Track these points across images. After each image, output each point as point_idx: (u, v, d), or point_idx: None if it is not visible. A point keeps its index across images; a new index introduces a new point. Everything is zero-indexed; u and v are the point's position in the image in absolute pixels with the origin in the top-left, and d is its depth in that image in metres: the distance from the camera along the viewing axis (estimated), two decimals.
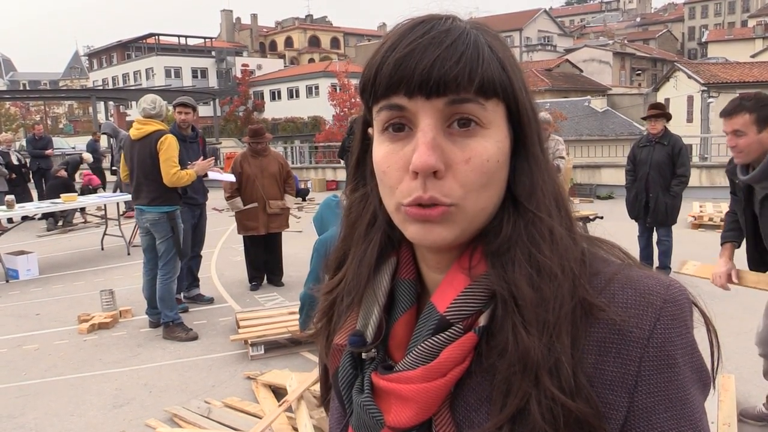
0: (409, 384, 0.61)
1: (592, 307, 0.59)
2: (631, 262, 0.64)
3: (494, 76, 0.59)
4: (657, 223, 6.12)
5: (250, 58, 56.85)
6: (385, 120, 0.61)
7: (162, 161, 4.91)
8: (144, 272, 5.31)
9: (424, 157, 0.57)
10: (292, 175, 6.74)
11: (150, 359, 4.70)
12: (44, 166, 12.80)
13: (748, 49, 46.80)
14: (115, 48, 58.20)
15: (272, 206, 6.48)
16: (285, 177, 6.61)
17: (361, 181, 0.72)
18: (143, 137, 5.00)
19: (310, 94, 45.47)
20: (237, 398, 3.89)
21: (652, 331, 0.58)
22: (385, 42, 0.61)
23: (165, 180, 4.93)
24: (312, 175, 18.54)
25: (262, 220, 6.49)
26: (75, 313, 5.79)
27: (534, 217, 0.61)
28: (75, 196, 9.22)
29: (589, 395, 0.56)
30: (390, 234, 0.68)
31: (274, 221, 6.57)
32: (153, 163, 4.94)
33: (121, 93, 35.24)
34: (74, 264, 8.31)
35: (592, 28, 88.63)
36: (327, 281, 0.77)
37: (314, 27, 72.19)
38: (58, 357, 4.82)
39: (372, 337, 0.66)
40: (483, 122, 0.59)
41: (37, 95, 42.08)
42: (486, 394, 0.60)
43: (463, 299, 0.61)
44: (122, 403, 3.94)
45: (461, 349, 0.60)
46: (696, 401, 0.59)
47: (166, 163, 4.91)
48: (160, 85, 42.23)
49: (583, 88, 39.25)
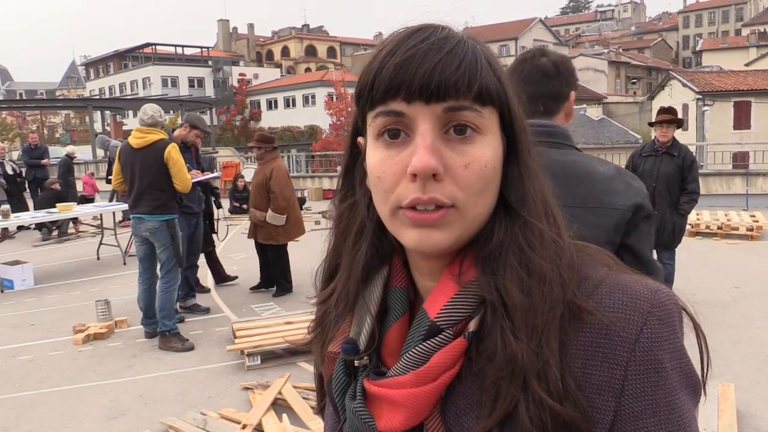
0: (400, 389, 0.61)
1: (580, 310, 0.59)
2: (619, 268, 0.65)
3: (491, 84, 0.60)
4: (661, 245, 5.30)
5: (247, 68, 56.93)
6: (381, 126, 0.61)
7: (176, 171, 4.97)
8: (140, 282, 5.29)
9: (425, 159, 0.57)
10: (274, 189, 6.35)
11: (146, 370, 4.68)
12: (40, 175, 12.77)
13: (742, 57, 47.09)
14: (112, 57, 58.32)
15: (251, 214, 6.64)
16: (268, 189, 6.38)
17: (350, 191, 0.72)
18: (146, 146, 4.99)
19: (306, 104, 45.56)
20: (233, 409, 3.86)
21: (638, 335, 0.58)
22: (383, 48, 0.62)
23: (181, 187, 5.03)
24: (309, 184, 18.56)
25: (251, 227, 6.69)
26: (70, 323, 5.75)
27: (525, 222, 0.62)
28: (71, 205, 9.19)
29: (577, 399, 0.56)
30: (378, 244, 0.68)
31: (260, 231, 6.55)
32: (159, 172, 4.94)
33: (118, 102, 35.28)
34: (70, 274, 8.28)
35: (587, 37, 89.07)
36: (319, 291, 0.77)
37: (311, 36, 72.42)
38: (53, 368, 4.78)
39: (365, 344, 0.67)
40: (479, 129, 0.60)
41: (33, 105, 41.99)
42: (476, 399, 0.60)
43: (452, 305, 0.61)
44: (117, 415, 3.91)
45: (451, 354, 0.60)
46: (684, 406, 0.59)
47: (180, 171, 4.99)
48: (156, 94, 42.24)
49: (579, 96, 38.67)
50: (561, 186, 1.42)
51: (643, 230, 1.53)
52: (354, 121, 0.68)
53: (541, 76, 1.61)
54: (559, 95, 1.63)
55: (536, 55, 1.64)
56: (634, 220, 1.51)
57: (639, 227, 1.52)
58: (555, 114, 1.64)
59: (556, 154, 1.54)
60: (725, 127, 25.78)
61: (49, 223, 10.54)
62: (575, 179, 1.51)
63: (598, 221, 1.48)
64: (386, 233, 0.66)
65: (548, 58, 1.63)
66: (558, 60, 1.64)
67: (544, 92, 1.61)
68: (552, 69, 1.61)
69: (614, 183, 1.52)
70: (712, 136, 24.34)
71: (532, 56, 1.65)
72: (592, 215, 1.48)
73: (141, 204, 5.01)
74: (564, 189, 1.45)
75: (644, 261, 1.53)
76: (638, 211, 1.51)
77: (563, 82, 1.63)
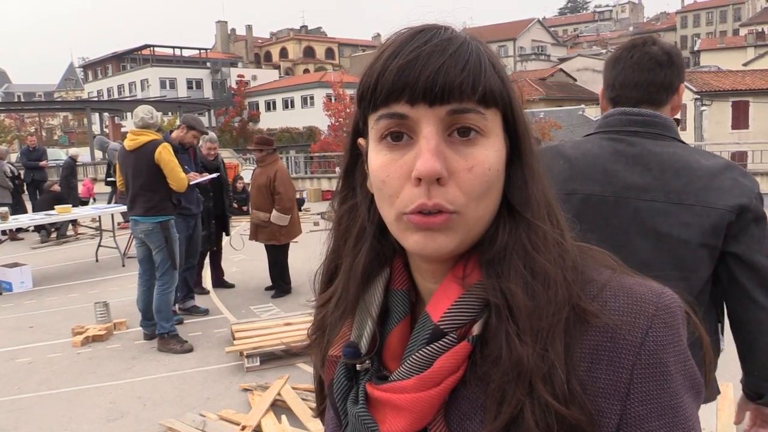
0: (404, 393, 0.61)
1: (585, 313, 0.59)
2: (623, 270, 0.64)
3: (494, 86, 0.60)
4: None
5: (245, 69, 56.97)
6: (384, 128, 0.61)
7: (169, 171, 4.94)
8: (139, 283, 5.29)
9: (430, 163, 0.57)
10: (279, 190, 6.44)
11: (144, 372, 4.67)
12: (38, 177, 12.76)
13: (740, 57, 47.15)
14: (111, 59, 58.29)
15: (253, 216, 6.74)
16: (272, 190, 6.48)
17: (350, 193, 0.71)
18: (138, 147, 5.00)
19: (305, 105, 45.57)
20: (232, 411, 3.86)
21: (644, 339, 0.58)
22: (385, 49, 0.61)
23: (176, 186, 5.00)
24: (308, 185, 18.55)
25: (252, 228, 6.76)
26: (69, 325, 5.74)
27: (529, 224, 0.62)
28: (69, 207, 9.19)
29: (583, 402, 0.56)
30: (378, 247, 0.68)
31: (261, 232, 6.61)
32: (150, 173, 4.94)
33: (116, 104, 35.27)
34: (68, 276, 8.26)
35: (585, 37, 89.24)
36: (319, 294, 0.76)
37: (309, 38, 72.44)
38: (52, 370, 4.77)
39: (366, 348, 0.66)
40: (483, 131, 0.60)
41: (31, 107, 42.04)
42: (480, 403, 0.60)
43: (456, 308, 0.61)
44: (116, 417, 3.91)
45: (455, 358, 0.60)
46: (689, 409, 0.59)
47: (173, 171, 4.96)
48: (155, 96, 42.29)
49: (577, 97, 39.46)
50: (654, 179, 1.40)
51: (754, 234, 1.38)
52: (354, 122, 0.67)
53: (653, 64, 1.52)
54: (669, 86, 1.54)
55: (647, 42, 1.55)
56: (740, 223, 1.37)
57: (748, 231, 1.38)
58: (662, 105, 1.55)
59: (653, 145, 1.45)
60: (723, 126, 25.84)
61: (48, 225, 10.56)
62: (672, 173, 1.40)
63: (692, 219, 1.37)
64: (387, 235, 0.66)
65: (659, 46, 1.55)
66: (670, 50, 1.55)
67: (655, 81, 1.52)
68: (665, 58, 1.52)
69: (719, 179, 1.39)
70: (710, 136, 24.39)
71: (643, 43, 1.56)
72: (686, 212, 1.37)
73: (136, 206, 5.04)
74: (658, 182, 1.39)
75: (757, 270, 1.38)
76: (744, 213, 1.37)
77: (675, 72, 1.54)
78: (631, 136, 1.48)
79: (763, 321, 1.39)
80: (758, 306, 1.39)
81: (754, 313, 1.40)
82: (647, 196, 1.40)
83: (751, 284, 1.38)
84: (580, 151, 1.53)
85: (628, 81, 1.54)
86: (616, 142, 1.49)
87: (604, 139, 1.52)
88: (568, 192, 1.47)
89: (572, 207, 1.46)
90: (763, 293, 1.38)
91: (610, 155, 1.47)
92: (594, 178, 1.46)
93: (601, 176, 1.46)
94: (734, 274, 1.39)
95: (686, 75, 16.77)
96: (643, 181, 1.41)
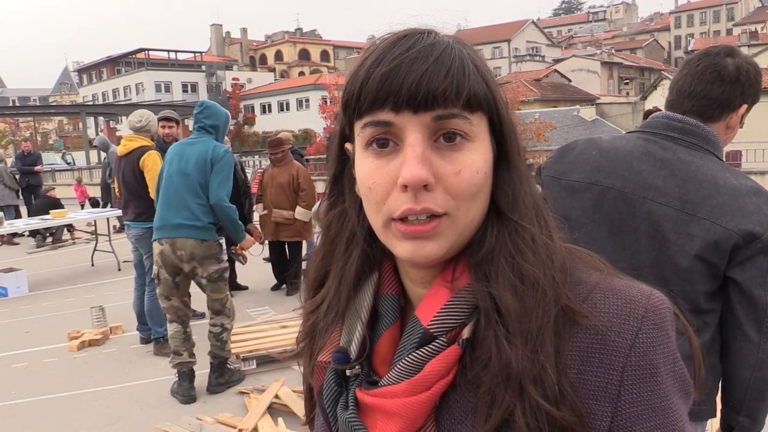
0: (394, 398, 0.61)
1: (575, 313, 0.59)
2: (611, 272, 0.64)
3: (479, 91, 0.59)
4: None
5: (240, 72, 57.00)
6: (370, 136, 0.60)
7: (149, 179, 4.92)
8: (135, 288, 5.28)
9: (416, 170, 0.56)
10: (304, 187, 6.66)
11: (141, 376, 4.66)
12: (33, 182, 12.74)
13: None
14: (105, 63, 58.23)
15: (275, 215, 6.71)
16: (296, 188, 6.64)
17: (339, 198, 0.71)
18: (128, 153, 5.04)
19: (300, 107, 45.61)
20: (229, 414, 3.85)
21: (634, 340, 0.58)
22: (368, 56, 0.61)
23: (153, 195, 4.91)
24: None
25: (269, 227, 6.75)
26: (65, 330, 5.72)
27: (517, 226, 0.62)
28: (65, 212, 9.16)
29: (574, 403, 0.56)
30: (368, 251, 0.68)
31: (284, 230, 6.67)
32: (136, 180, 4.97)
33: (111, 108, 35.21)
34: (64, 281, 8.24)
35: (579, 38, 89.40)
36: (308, 300, 0.76)
37: (304, 40, 72.49)
38: (48, 375, 4.76)
39: (356, 353, 0.66)
40: (469, 135, 0.59)
41: (26, 111, 41.89)
42: (471, 407, 0.60)
43: (446, 312, 0.61)
44: (113, 421, 3.90)
45: (445, 362, 0.60)
46: (678, 410, 0.59)
47: (152, 181, 4.90)
48: (150, 99, 42.22)
49: (572, 97, 39.54)
50: (675, 186, 1.39)
51: (762, 267, 1.33)
52: (341, 128, 0.67)
53: (714, 77, 1.46)
54: (726, 103, 1.47)
55: (721, 53, 1.48)
56: (748, 250, 1.32)
57: (755, 262, 1.33)
58: (714, 121, 1.48)
59: (685, 153, 1.42)
60: None
61: (43, 229, 10.56)
62: (695, 183, 1.37)
63: (698, 232, 1.34)
64: (377, 240, 0.66)
65: (733, 59, 1.47)
66: (743, 65, 1.47)
67: (709, 95, 1.46)
68: (731, 73, 1.45)
69: (741, 201, 1.34)
70: None
71: (716, 53, 1.48)
72: (695, 225, 1.34)
73: (128, 211, 5.08)
74: (678, 190, 1.38)
75: (755, 303, 1.34)
76: (754, 242, 1.31)
77: (737, 90, 1.46)
78: (667, 140, 1.47)
79: (747, 354, 1.38)
80: (746, 338, 1.38)
81: (740, 344, 1.39)
82: (664, 200, 1.39)
83: (745, 316, 1.37)
84: (613, 145, 1.53)
85: (685, 89, 1.51)
86: (650, 143, 1.48)
87: (640, 138, 1.51)
88: (591, 182, 1.49)
89: (592, 197, 1.48)
90: (754, 327, 1.37)
91: (641, 154, 1.47)
92: (618, 173, 1.46)
93: (625, 172, 1.46)
94: (732, 302, 1.38)
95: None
96: (664, 185, 1.40)
